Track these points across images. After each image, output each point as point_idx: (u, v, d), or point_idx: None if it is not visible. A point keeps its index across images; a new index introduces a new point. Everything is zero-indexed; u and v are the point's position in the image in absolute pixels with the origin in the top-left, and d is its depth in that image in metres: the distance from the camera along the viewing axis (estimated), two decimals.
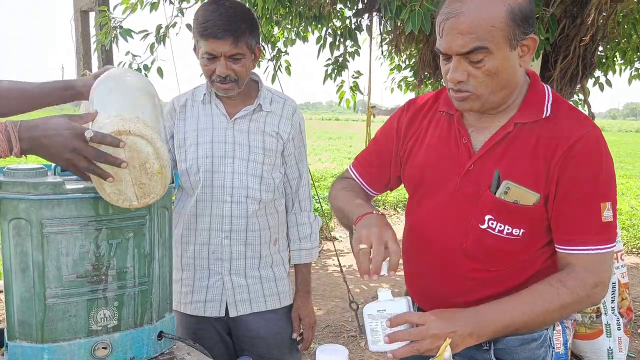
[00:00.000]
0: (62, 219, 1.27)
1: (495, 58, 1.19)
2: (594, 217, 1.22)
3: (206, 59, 1.76)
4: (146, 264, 1.39)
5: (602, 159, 1.24)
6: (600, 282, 1.23)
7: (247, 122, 1.86)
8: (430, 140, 1.42)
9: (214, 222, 1.84)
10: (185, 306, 1.90)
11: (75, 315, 1.32)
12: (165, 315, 1.48)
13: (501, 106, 1.30)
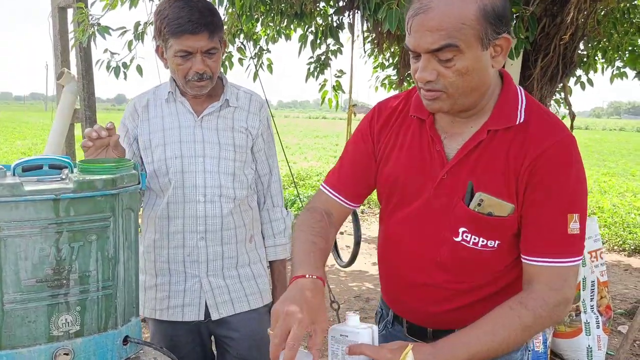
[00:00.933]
0: (20, 221, 1.23)
1: (465, 57, 1.14)
2: (559, 229, 1.18)
3: (180, 57, 1.70)
4: (110, 268, 1.35)
5: (572, 169, 1.19)
6: (563, 300, 1.18)
7: (215, 119, 1.81)
8: (402, 146, 1.37)
9: (188, 224, 1.79)
10: (162, 312, 1.85)
11: (35, 320, 1.28)
12: (132, 320, 1.44)
13: (473, 109, 1.25)
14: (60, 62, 4.58)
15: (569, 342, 3.18)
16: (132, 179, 1.39)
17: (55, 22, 4.55)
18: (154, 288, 1.86)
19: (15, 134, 23.15)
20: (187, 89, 1.77)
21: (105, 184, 1.31)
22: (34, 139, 20.20)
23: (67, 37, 4.54)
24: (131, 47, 3.98)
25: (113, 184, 1.33)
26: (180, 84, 1.79)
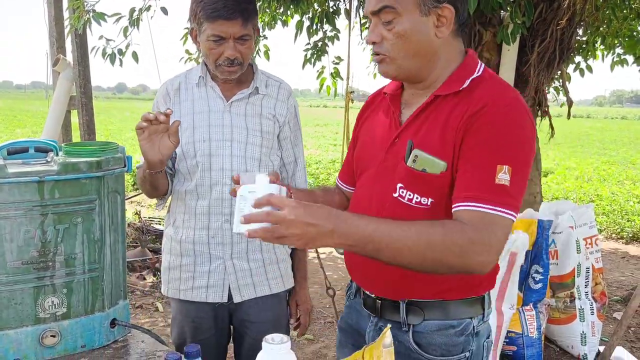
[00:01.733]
0: (4, 203, 1.23)
1: (403, 20, 1.23)
2: (487, 177, 1.16)
3: (212, 42, 1.71)
4: (96, 250, 1.35)
5: (509, 124, 1.19)
6: (481, 242, 1.12)
7: (244, 105, 1.83)
8: (371, 123, 1.46)
9: (213, 206, 1.81)
10: (186, 293, 1.87)
11: (21, 302, 1.28)
12: (119, 302, 1.44)
13: (424, 78, 1.31)
14: (56, 49, 4.57)
15: (563, 328, 3.18)
16: (117, 161, 1.38)
17: (50, 8, 4.53)
18: (179, 268, 1.87)
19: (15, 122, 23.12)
20: (217, 73, 1.79)
21: (90, 166, 1.31)
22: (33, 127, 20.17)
23: (63, 23, 4.52)
24: (126, 33, 3.96)
25: (98, 166, 1.32)
26: (211, 68, 1.80)
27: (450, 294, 1.32)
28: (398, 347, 1.32)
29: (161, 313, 3.88)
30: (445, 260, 1.13)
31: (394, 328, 1.32)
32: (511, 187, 1.16)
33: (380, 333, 1.26)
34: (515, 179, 1.16)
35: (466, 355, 1.33)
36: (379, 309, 1.39)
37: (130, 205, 7.32)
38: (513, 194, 1.16)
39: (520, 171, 1.18)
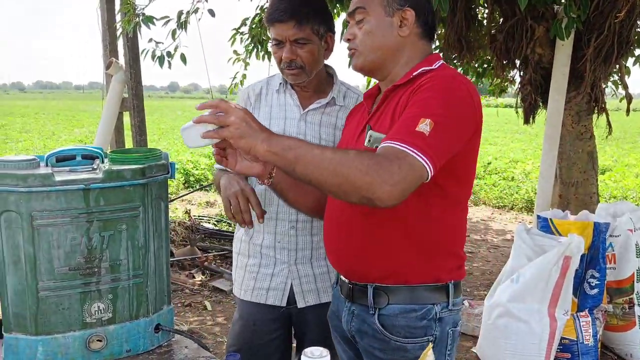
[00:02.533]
0: (52, 211, 1.26)
1: (371, 20, 1.41)
2: (408, 125, 1.23)
3: (274, 46, 1.77)
4: (141, 256, 1.37)
5: (442, 88, 1.29)
6: (387, 169, 1.15)
7: (320, 115, 1.85)
8: (351, 121, 1.64)
9: (280, 212, 1.84)
10: (246, 293, 1.91)
11: (68, 307, 1.31)
12: (163, 308, 1.45)
13: (386, 71, 1.45)
14: (108, 52, 4.69)
15: (621, 335, 3.03)
16: (161, 168, 1.39)
17: (103, 13, 4.65)
18: (244, 268, 1.92)
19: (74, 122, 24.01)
20: (285, 77, 1.84)
21: (134, 173, 1.32)
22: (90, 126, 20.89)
23: (115, 27, 4.63)
24: (175, 36, 4.02)
25: (142, 173, 1.34)
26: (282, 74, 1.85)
27: (411, 279, 1.40)
28: (366, 328, 1.46)
29: (209, 312, 3.94)
30: (351, 177, 1.16)
31: (363, 311, 1.46)
32: (429, 138, 1.20)
33: (353, 316, 1.48)
34: (435, 133, 1.21)
35: (429, 339, 1.41)
36: (352, 294, 1.49)
37: (181, 203, 7.48)
38: (429, 144, 1.20)
39: (443, 129, 1.22)
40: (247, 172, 1.41)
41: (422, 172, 1.19)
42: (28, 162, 1.27)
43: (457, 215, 1.43)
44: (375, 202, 1.16)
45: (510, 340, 2.78)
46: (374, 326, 1.43)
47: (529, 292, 2.77)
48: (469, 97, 1.31)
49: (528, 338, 2.76)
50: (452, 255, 1.44)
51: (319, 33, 1.76)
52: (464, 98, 1.30)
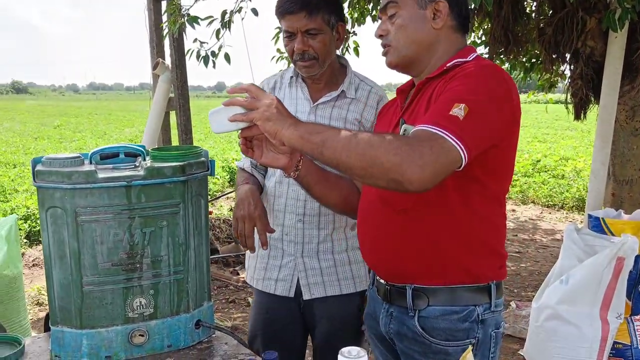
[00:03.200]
0: (95, 207, 1.28)
1: (403, 14, 1.37)
2: (442, 109, 1.19)
3: (286, 38, 1.78)
4: (181, 253, 1.38)
5: (477, 75, 1.25)
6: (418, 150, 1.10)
7: (330, 109, 1.84)
8: (384, 116, 1.59)
9: (289, 204, 1.85)
10: (258, 282, 1.94)
11: (111, 302, 1.34)
12: (204, 304, 1.47)
13: (421, 65, 1.41)
14: (155, 53, 4.79)
15: None
16: (201, 166, 1.40)
17: (150, 14, 4.75)
18: (256, 258, 1.95)
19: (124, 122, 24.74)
20: (298, 70, 1.83)
21: (174, 171, 1.34)
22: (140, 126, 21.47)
23: (161, 28, 4.73)
24: (219, 35, 4.07)
25: (182, 171, 1.35)
26: (295, 67, 1.85)
27: (453, 280, 1.36)
28: (406, 331, 1.42)
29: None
30: (380, 159, 1.11)
31: (402, 313, 1.42)
32: (463, 122, 1.15)
33: (391, 318, 1.44)
34: (470, 118, 1.16)
35: (472, 342, 1.37)
36: (389, 295, 1.45)
37: (226, 201, 7.58)
38: (463, 128, 1.15)
39: (478, 115, 1.17)
40: (272, 163, 1.41)
41: (455, 156, 1.13)
42: (73, 159, 1.30)
43: (498, 211, 1.39)
44: (405, 185, 1.11)
45: (559, 344, 2.69)
46: (414, 329, 1.40)
47: (579, 295, 2.67)
48: (505, 86, 1.26)
49: (578, 342, 2.67)
50: (495, 253, 1.39)
51: (330, 23, 1.75)
52: (500, 86, 1.25)
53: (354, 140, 1.15)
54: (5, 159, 11.46)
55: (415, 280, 1.39)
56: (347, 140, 1.15)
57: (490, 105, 1.21)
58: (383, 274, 1.47)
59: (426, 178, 1.10)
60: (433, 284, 1.37)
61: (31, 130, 19.42)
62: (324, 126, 1.24)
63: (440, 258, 1.35)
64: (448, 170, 1.14)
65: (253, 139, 1.37)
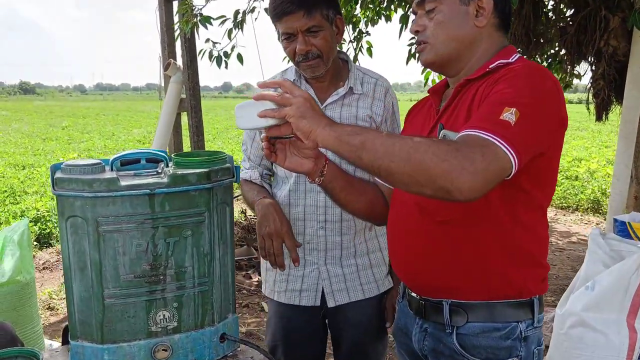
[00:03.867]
0: (117, 216, 1.22)
1: (444, 9, 1.29)
2: (492, 114, 1.11)
3: (285, 41, 1.70)
4: (206, 264, 1.32)
5: (526, 77, 1.17)
6: (468, 156, 1.02)
7: (339, 108, 1.78)
8: (414, 119, 1.51)
9: (308, 212, 1.79)
10: (280, 295, 1.87)
11: (134, 316, 1.27)
12: (228, 317, 1.40)
13: (460, 65, 1.33)
14: (167, 54, 4.74)
15: None
16: (226, 172, 1.34)
17: (161, 14, 4.70)
18: (275, 270, 1.86)
19: (132, 123, 24.75)
20: (302, 72, 1.76)
21: (199, 178, 1.27)
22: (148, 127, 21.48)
23: (173, 29, 4.68)
24: (231, 35, 4.01)
25: (207, 178, 1.29)
26: (298, 69, 1.77)
27: (495, 295, 1.28)
28: (442, 349, 1.34)
29: (267, 313, 3.90)
30: (427, 164, 1.03)
31: (438, 329, 1.34)
32: (515, 127, 1.07)
33: (425, 335, 1.37)
34: (521, 124, 1.08)
35: None
36: (424, 311, 1.38)
37: (236, 203, 7.53)
38: (515, 134, 1.07)
39: (530, 120, 1.10)
40: (296, 169, 1.35)
41: (506, 164, 1.05)
42: (93, 166, 1.24)
43: (542, 221, 1.31)
44: (454, 194, 1.02)
45: (585, 352, 2.61)
46: (452, 346, 1.32)
47: (606, 301, 2.59)
48: (555, 90, 1.18)
49: (605, 350, 2.59)
50: (539, 265, 1.32)
51: (329, 17, 1.68)
52: (550, 90, 1.17)
53: (398, 143, 1.07)
54: (14, 160, 11.46)
55: (453, 295, 1.31)
56: (390, 143, 1.07)
57: (541, 110, 1.14)
58: (417, 287, 1.39)
59: (477, 187, 1.02)
60: (472, 299, 1.29)
61: (39, 131, 19.46)
62: (362, 127, 1.16)
63: (483, 272, 1.27)
64: (498, 179, 1.07)
65: (276, 142, 1.31)
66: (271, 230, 1.61)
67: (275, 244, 1.60)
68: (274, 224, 1.62)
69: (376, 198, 1.53)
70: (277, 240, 1.60)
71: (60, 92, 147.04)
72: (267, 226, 1.62)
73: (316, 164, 1.36)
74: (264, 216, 1.65)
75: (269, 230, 1.62)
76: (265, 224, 1.63)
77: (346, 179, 1.47)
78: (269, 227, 1.62)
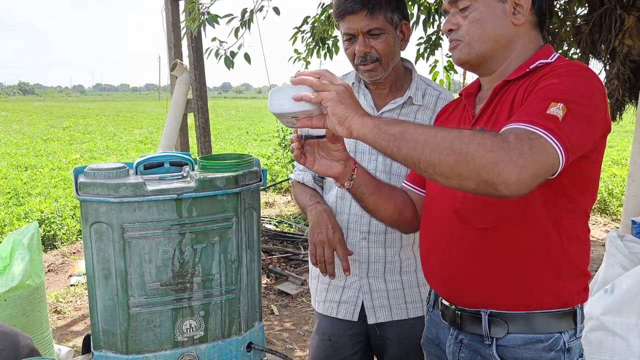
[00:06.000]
0: (143, 222, 1.17)
1: (479, 7, 1.24)
2: (538, 108, 1.06)
3: (347, 42, 1.66)
4: (233, 271, 1.27)
5: (572, 74, 1.13)
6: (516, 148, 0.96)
7: (396, 117, 1.71)
8: (446, 123, 1.46)
9: (352, 221, 1.73)
10: (319, 304, 1.83)
11: (160, 325, 1.23)
12: (255, 325, 1.36)
13: (495, 64, 1.29)
14: (173, 54, 4.69)
15: None
16: (253, 176, 1.30)
17: (168, 14, 4.65)
18: (317, 279, 1.83)
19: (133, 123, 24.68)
20: (361, 76, 1.71)
21: (227, 182, 1.23)
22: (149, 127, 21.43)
23: (179, 28, 4.63)
24: (237, 34, 3.96)
25: (235, 182, 1.24)
26: (357, 72, 1.73)
27: (538, 305, 1.23)
28: None
29: (277, 317, 3.86)
30: (471, 154, 0.96)
31: (475, 341, 1.29)
32: (563, 123, 1.03)
33: (461, 346, 1.30)
34: (569, 119, 1.03)
35: None
36: (459, 321, 1.31)
37: None
38: (563, 129, 1.02)
39: (578, 116, 1.05)
40: (325, 172, 1.31)
41: (555, 159, 1.00)
42: (118, 170, 1.20)
43: (585, 228, 1.26)
44: (499, 189, 0.96)
45: (605, 356, 2.58)
46: (492, 359, 1.26)
47: (625, 305, 2.55)
48: (601, 89, 1.14)
49: (625, 355, 2.55)
50: (582, 274, 1.26)
51: (393, 21, 1.63)
52: (596, 89, 1.13)
53: (440, 133, 1.01)
54: (16, 161, 11.41)
55: (492, 305, 1.25)
56: (432, 133, 1.02)
57: (589, 110, 1.09)
58: (453, 297, 1.34)
59: (524, 181, 0.96)
60: (513, 309, 1.24)
61: (40, 131, 19.40)
62: (400, 120, 1.11)
63: (525, 281, 1.22)
64: (546, 175, 1.01)
65: (305, 144, 1.26)
66: (323, 238, 1.58)
67: (326, 252, 1.57)
68: (326, 231, 1.58)
69: (405, 204, 1.48)
70: (328, 248, 1.57)
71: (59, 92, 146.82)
72: (319, 233, 1.59)
73: (345, 167, 1.32)
74: (316, 223, 1.62)
75: (322, 238, 1.58)
76: (318, 230, 1.59)
77: (375, 183, 1.42)
78: (321, 235, 1.58)
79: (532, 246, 1.20)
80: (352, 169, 1.34)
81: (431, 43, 4.54)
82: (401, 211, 1.47)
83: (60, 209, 6.60)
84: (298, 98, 1.10)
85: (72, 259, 5.26)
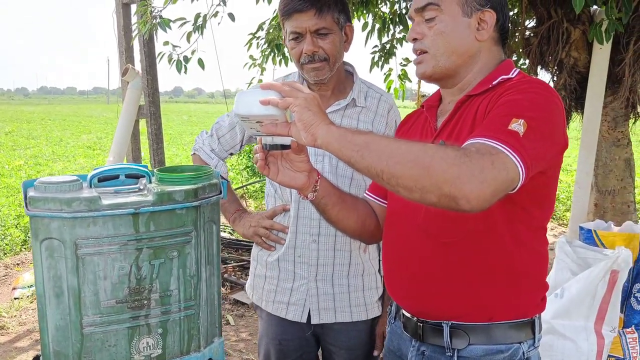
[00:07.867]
0: (98, 238, 1.13)
1: (445, 18, 1.25)
2: (499, 124, 1.07)
3: (292, 41, 1.64)
4: (192, 286, 1.24)
5: (531, 89, 1.15)
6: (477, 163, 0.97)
7: (339, 119, 1.72)
8: (407, 136, 1.44)
9: (301, 224, 1.72)
10: (267, 304, 1.81)
11: (115, 345, 1.18)
12: (214, 341, 1.33)
13: (458, 78, 1.30)
14: (124, 59, 4.58)
15: None
16: (213, 188, 1.27)
17: (119, 18, 4.54)
18: (263, 278, 1.81)
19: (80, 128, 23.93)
20: (305, 75, 1.70)
21: (186, 195, 1.20)
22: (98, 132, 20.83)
23: (131, 33, 4.53)
24: (189, 38, 3.89)
25: (194, 195, 1.21)
26: (301, 72, 1.71)
27: (498, 316, 1.24)
28: None
29: (232, 327, 3.80)
30: (434, 168, 0.97)
31: (437, 352, 1.29)
32: (524, 139, 1.04)
33: (423, 358, 1.31)
34: (530, 135, 1.05)
35: None
36: (421, 333, 1.32)
37: None
38: (524, 145, 1.03)
39: (538, 133, 1.07)
40: (289, 183, 1.29)
41: (515, 175, 1.00)
42: (71, 183, 1.15)
43: (543, 240, 1.29)
44: (460, 203, 0.96)
45: (555, 359, 2.65)
46: None
47: (574, 308, 2.63)
48: (560, 107, 1.16)
49: (574, 356, 2.63)
50: (541, 285, 1.29)
51: (340, 23, 1.65)
52: (556, 106, 1.14)
53: (405, 145, 1.01)
54: None
55: (454, 317, 1.26)
56: (396, 145, 1.02)
57: (549, 126, 1.11)
58: (415, 309, 1.34)
59: (485, 196, 0.96)
60: (474, 320, 1.24)
61: None
62: (364, 130, 1.13)
63: (486, 293, 1.23)
64: (506, 190, 1.02)
65: (269, 155, 1.25)
66: (256, 225, 1.76)
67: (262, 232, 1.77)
68: (250, 223, 1.78)
69: (367, 215, 1.48)
70: (262, 229, 1.76)
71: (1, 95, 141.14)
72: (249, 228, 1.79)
73: (309, 179, 1.31)
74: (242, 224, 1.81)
75: (253, 230, 1.77)
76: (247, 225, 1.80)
77: (338, 194, 1.41)
78: (251, 229, 1.77)
79: (493, 259, 1.22)
80: (315, 180, 1.33)
81: (386, 52, 4.58)
82: (364, 222, 1.47)
83: (3, 218, 6.33)
84: (265, 102, 1.09)
85: (16, 271, 5.03)
